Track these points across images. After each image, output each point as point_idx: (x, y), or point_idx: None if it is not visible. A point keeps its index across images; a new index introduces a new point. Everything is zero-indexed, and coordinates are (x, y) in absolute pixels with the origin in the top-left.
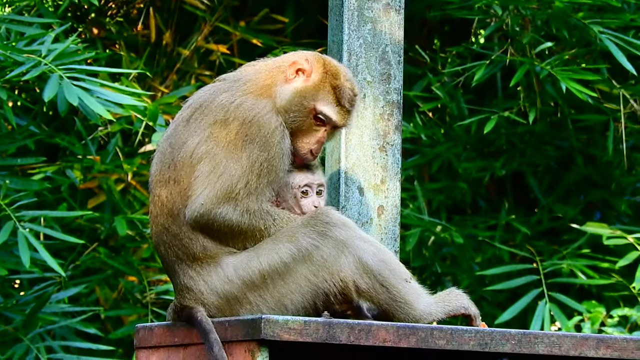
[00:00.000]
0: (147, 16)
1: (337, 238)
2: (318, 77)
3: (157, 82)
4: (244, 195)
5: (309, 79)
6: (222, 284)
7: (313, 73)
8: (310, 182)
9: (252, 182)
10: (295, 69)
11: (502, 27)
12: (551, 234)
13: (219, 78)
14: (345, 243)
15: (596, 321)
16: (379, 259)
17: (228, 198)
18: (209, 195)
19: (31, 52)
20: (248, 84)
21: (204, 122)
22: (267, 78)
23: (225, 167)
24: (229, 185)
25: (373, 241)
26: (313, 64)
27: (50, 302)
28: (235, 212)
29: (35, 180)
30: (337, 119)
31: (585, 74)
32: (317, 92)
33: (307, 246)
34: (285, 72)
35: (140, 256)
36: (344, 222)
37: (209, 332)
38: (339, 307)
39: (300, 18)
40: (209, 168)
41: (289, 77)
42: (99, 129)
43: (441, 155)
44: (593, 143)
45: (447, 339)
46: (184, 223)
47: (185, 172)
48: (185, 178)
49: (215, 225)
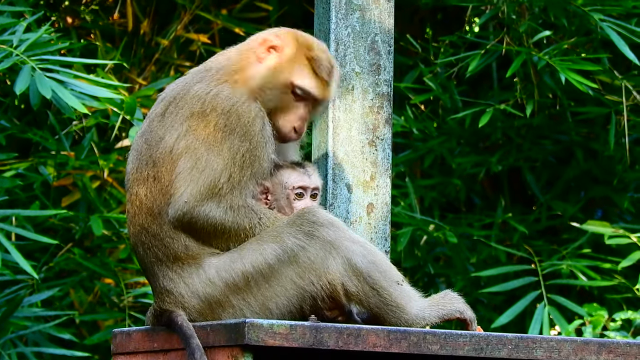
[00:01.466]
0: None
1: (325, 239)
2: (291, 51)
3: (135, 74)
4: (227, 190)
5: (282, 54)
6: (204, 287)
7: (285, 47)
8: (305, 184)
9: (234, 175)
10: (267, 47)
11: (497, 14)
12: (550, 233)
13: (189, 71)
14: (333, 244)
15: (598, 325)
16: (369, 261)
17: (212, 194)
18: (192, 193)
19: (2, 42)
20: (221, 72)
21: (180, 116)
22: (239, 62)
23: (207, 161)
24: (211, 180)
25: (363, 242)
26: (284, 38)
27: (22, 306)
28: (218, 209)
29: (7, 177)
30: (317, 92)
31: (586, 64)
32: (292, 66)
33: (292, 247)
34: (256, 52)
35: (117, 257)
36: (332, 221)
37: (190, 337)
38: (329, 313)
39: (284, 6)
40: (190, 164)
41: (260, 56)
42: (73, 123)
43: (434, 150)
44: (594, 137)
45: (440, 344)
46: (166, 222)
47: (165, 168)
48: (166, 175)
49: (198, 224)
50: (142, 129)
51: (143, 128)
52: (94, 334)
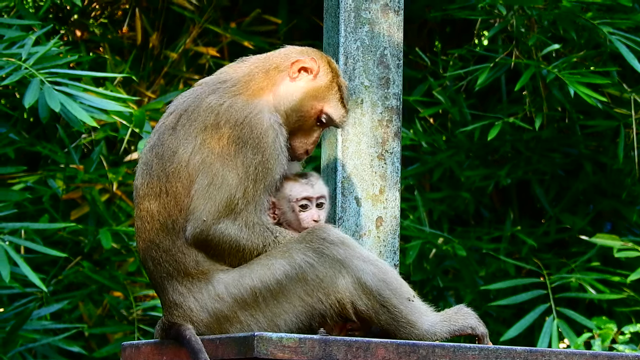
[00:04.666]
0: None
1: (335, 257)
2: (328, 77)
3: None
4: (242, 206)
5: (316, 78)
6: (213, 302)
7: (321, 72)
8: (309, 195)
9: (249, 189)
10: (299, 68)
11: (506, 28)
12: (559, 246)
13: (198, 82)
14: (343, 262)
15: (607, 338)
16: (379, 279)
17: (229, 210)
18: (210, 211)
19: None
20: (238, 85)
21: (194, 129)
22: (264, 79)
23: (223, 177)
24: (228, 197)
25: (374, 259)
26: (319, 62)
27: (31, 318)
28: (234, 227)
29: (16, 190)
30: (340, 121)
31: (595, 78)
32: (327, 93)
33: (301, 263)
34: (287, 71)
35: (126, 270)
36: (343, 239)
37: (198, 352)
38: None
39: (293, 19)
40: (207, 180)
41: (293, 76)
42: (82, 136)
43: (443, 163)
44: (603, 150)
45: (449, 357)
46: (180, 237)
47: (182, 184)
48: (182, 190)
49: (214, 242)
50: (150, 142)
51: (152, 141)
52: (103, 347)
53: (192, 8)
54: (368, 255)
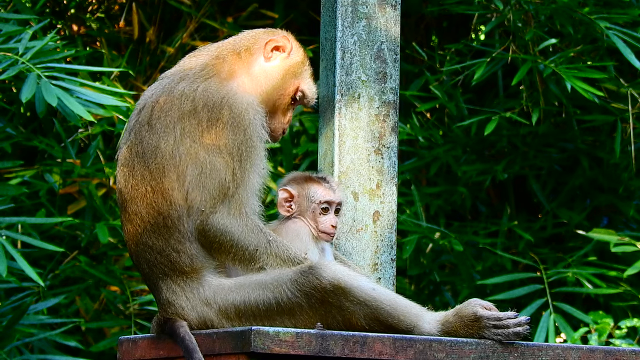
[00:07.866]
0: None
1: (325, 301)
2: (300, 54)
3: (141, 81)
4: (234, 189)
5: (290, 56)
6: (202, 305)
7: (293, 50)
8: (331, 199)
9: (236, 170)
10: (272, 47)
11: (503, 22)
12: (555, 241)
13: (161, 76)
14: (333, 306)
15: (604, 332)
16: (372, 319)
17: (223, 196)
18: (206, 199)
19: (7, 50)
20: (207, 69)
21: (170, 119)
22: (235, 61)
23: (212, 163)
24: (219, 182)
25: (370, 299)
26: (290, 40)
27: (28, 313)
28: (229, 217)
29: (12, 185)
30: (312, 98)
31: (591, 72)
32: (301, 69)
33: (291, 302)
34: (261, 52)
35: (123, 265)
36: (337, 282)
37: (192, 351)
38: None
39: (290, 14)
40: (197, 170)
41: (267, 56)
42: (79, 130)
43: (439, 158)
44: (599, 145)
45: (446, 352)
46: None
47: (168, 179)
48: (169, 185)
49: (211, 232)
50: (126, 142)
51: (128, 141)
52: (99, 341)
53: (189, 2)
54: (361, 296)
